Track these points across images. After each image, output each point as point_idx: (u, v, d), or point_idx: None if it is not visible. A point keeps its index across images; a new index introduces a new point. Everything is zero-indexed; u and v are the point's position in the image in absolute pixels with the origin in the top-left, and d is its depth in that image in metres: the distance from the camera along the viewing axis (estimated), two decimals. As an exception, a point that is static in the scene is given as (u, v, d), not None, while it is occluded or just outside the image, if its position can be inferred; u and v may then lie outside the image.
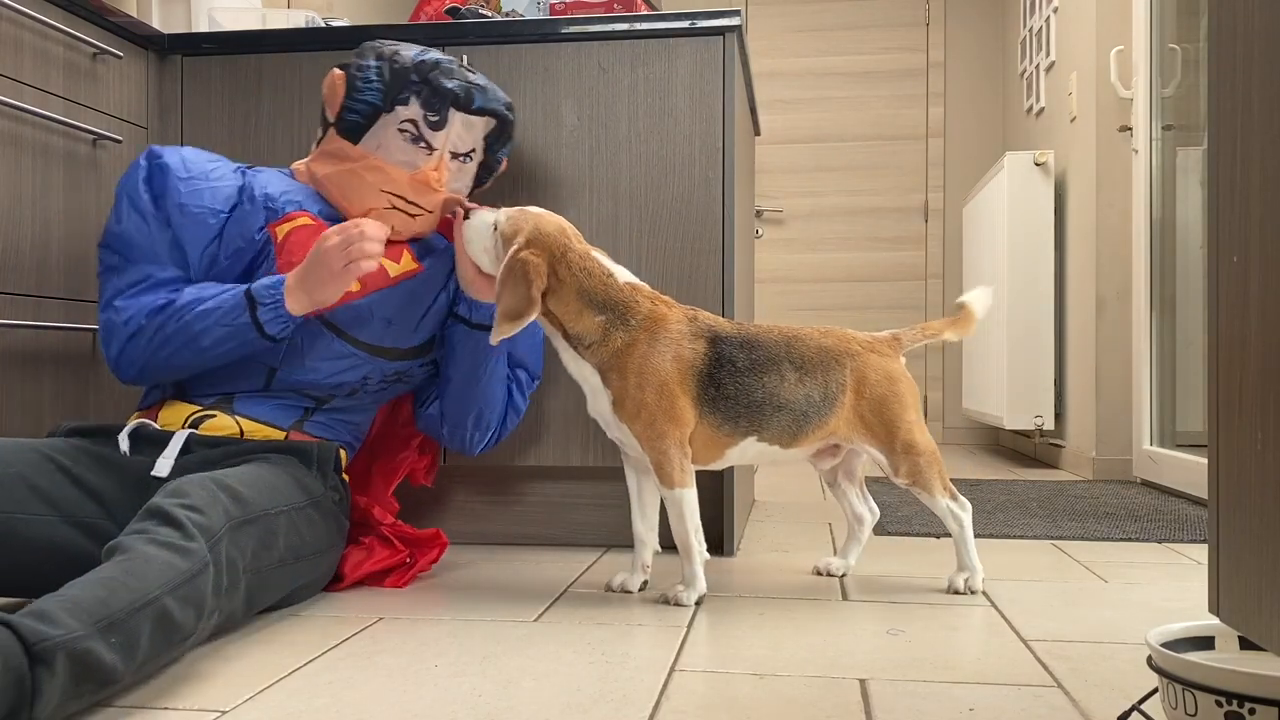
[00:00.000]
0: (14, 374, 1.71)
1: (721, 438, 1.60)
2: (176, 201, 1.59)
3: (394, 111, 1.65)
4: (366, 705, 1.13)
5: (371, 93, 1.65)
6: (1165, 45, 3.26)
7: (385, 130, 1.66)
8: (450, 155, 1.69)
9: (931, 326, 1.74)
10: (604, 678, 1.23)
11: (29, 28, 1.74)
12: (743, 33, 2.04)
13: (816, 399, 1.61)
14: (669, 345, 1.56)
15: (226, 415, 1.61)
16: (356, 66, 1.67)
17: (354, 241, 1.52)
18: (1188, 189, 3.21)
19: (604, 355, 1.56)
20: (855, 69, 5.02)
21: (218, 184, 1.63)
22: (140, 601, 1.10)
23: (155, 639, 1.11)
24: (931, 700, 1.15)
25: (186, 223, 1.60)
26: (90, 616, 1.04)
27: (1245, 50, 0.80)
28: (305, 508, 1.51)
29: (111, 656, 1.04)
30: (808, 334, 1.65)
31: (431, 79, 1.65)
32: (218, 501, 1.31)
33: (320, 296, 1.55)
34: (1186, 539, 2.22)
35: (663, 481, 1.58)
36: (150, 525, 1.22)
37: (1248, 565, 0.79)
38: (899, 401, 1.64)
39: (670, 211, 1.99)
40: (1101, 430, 3.47)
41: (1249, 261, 0.79)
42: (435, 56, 1.67)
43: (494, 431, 1.82)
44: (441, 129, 1.67)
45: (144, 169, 1.61)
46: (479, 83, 1.69)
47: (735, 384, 1.57)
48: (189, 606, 1.17)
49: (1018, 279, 3.81)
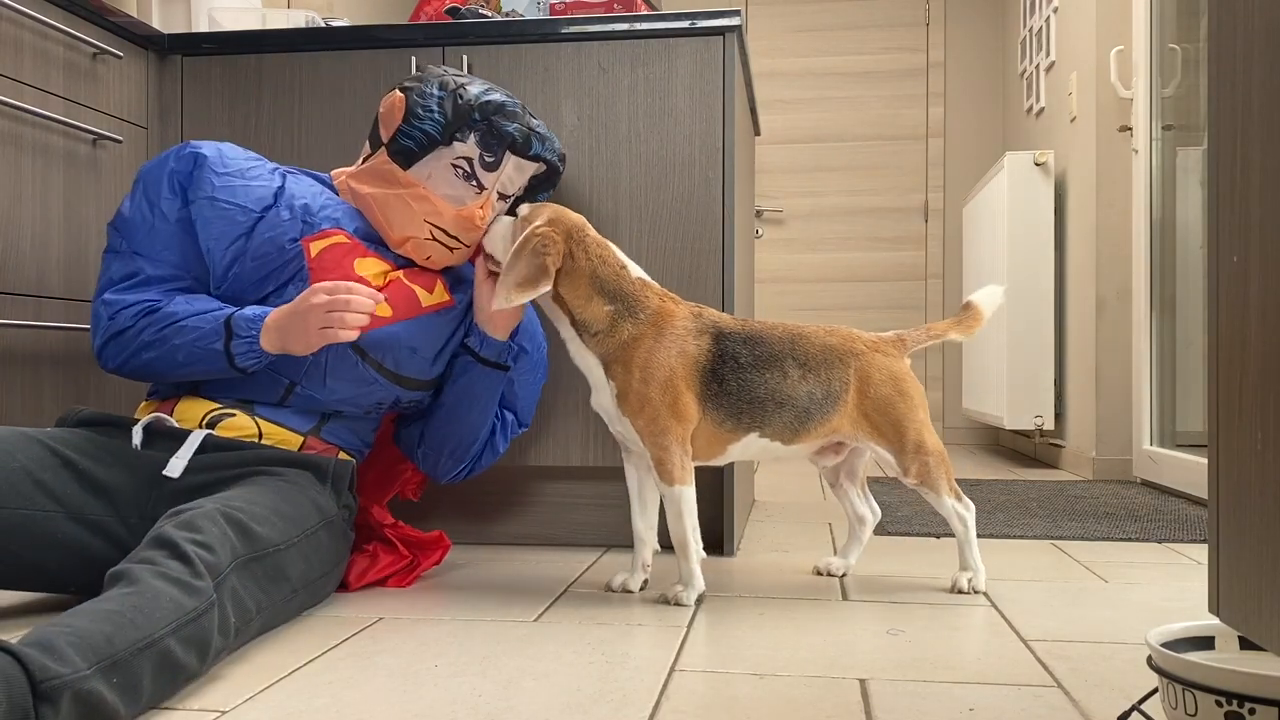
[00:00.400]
0: (14, 374, 1.71)
1: (724, 433, 1.60)
2: (208, 194, 1.57)
3: (451, 146, 1.64)
4: (366, 705, 1.13)
5: (431, 123, 1.63)
6: (1165, 45, 3.26)
7: (438, 162, 1.65)
8: (498, 195, 1.69)
9: (936, 327, 1.73)
10: (604, 678, 1.23)
11: (29, 28, 1.74)
12: (743, 33, 2.04)
13: (819, 396, 1.61)
14: (674, 341, 1.57)
15: (246, 415, 1.59)
16: (418, 92, 1.64)
17: (338, 309, 1.49)
18: (1188, 189, 3.21)
19: (610, 346, 1.57)
20: (855, 69, 5.02)
21: (253, 183, 1.61)
22: (145, 641, 1.07)
23: (158, 680, 1.09)
24: (931, 700, 1.15)
25: (214, 217, 1.57)
26: (96, 654, 1.01)
27: (1245, 50, 0.80)
28: (317, 531, 1.49)
29: (114, 697, 1.01)
30: (812, 332, 1.65)
31: (494, 121, 1.64)
32: (227, 539, 1.28)
33: (291, 348, 1.52)
34: (1186, 539, 2.22)
35: (662, 478, 1.58)
36: (159, 557, 1.19)
37: (1248, 565, 0.79)
38: (905, 401, 1.64)
39: (670, 211, 1.99)
40: (1101, 430, 3.47)
41: (1249, 261, 0.79)
42: (500, 98, 1.66)
43: (465, 466, 1.80)
44: (495, 170, 1.67)
45: (171, 163, 1.59)
46: (539, 130, 1.69)
47: (738, 380, 1.58)
48: (192, 647, 1.13)
49: (1018, 279, 3.81)
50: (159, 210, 1.57)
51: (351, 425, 1.70)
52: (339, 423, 1.68)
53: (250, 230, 1.59)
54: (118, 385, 1.96)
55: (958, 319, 1.74)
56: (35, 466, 1.41)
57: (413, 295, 1.66)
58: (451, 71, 1.69)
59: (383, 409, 1.72)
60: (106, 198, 1.94)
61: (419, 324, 1.66)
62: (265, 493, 1.43)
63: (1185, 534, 2.27)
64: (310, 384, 1.61)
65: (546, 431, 2.02)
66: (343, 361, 1.62)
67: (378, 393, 1.67)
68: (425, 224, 1.65)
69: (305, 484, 1.52)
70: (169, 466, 1.48)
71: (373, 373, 1.64)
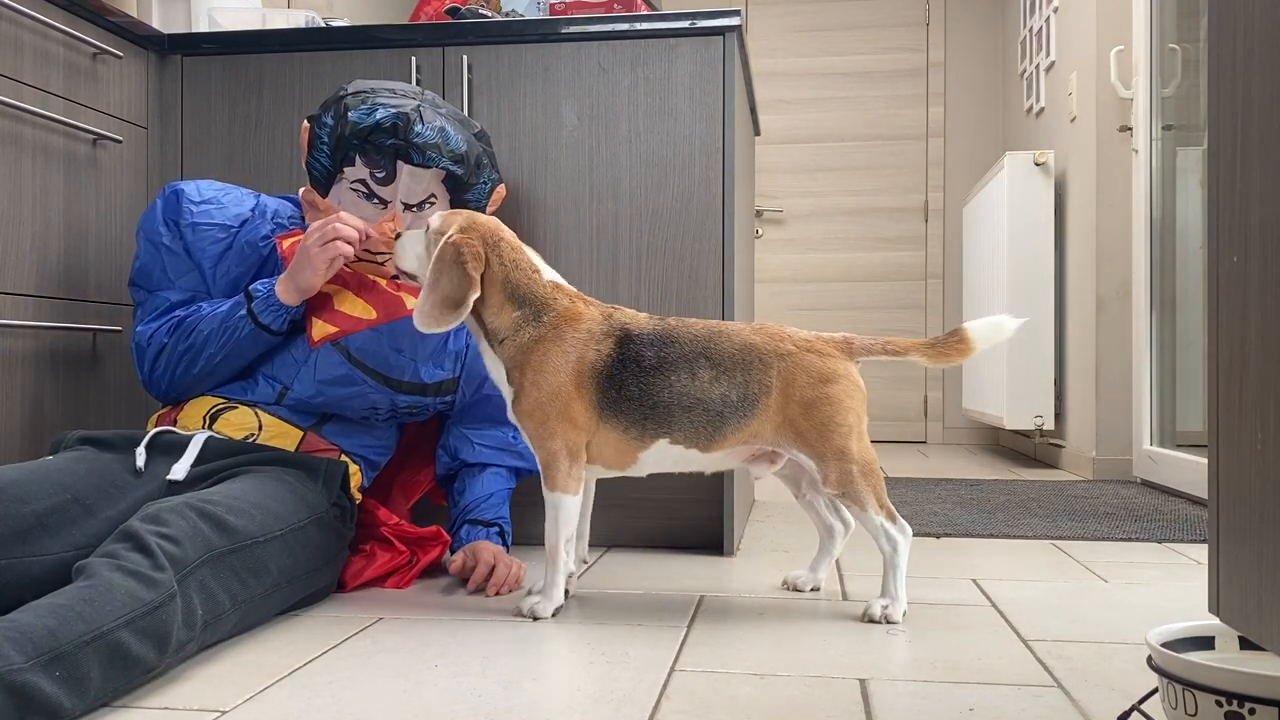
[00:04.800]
0: (14, 373, 1.71)
1: (630, 441, 1.52)
2: (189, 222, 1.69)
3: (344, 173, 1.69)
4: (366, 705, 1.13)
5: (324, 155, 1.69)
6: (1165, 45, 3.26)
7: (341, 188, 1.70)
8: (404, 206, 1.71)
9: (899, 343, 1.55)
10: (604, 678, 1.23)
11: (29, 28, 1.74)
12: (743, 33, 2.04)
13: (734, 399, 1.50)
14: (573, 346, 1.50)
15: (248, 409, 1.66)
16: (319, 123, 1.69)
17: (329, 235, 1.59)
18: (1188, 189, 3.21)
19: (512, 351, 1.52)
20: (855, 69, 5.02)
21: (228, 205, 1.73)
22: (91, 634, 1.07)
23: (108, 673, 1.08)
24: (931, 700, 1.15)
25: (198, 240, 1.69)
26: (35, 648, 1.01)
27: (1245, 50, 0.80)
28: (305, 526, 1.50)
29: (54, 689, 1.01)
30: (733, 330, 1.54)
31: (372, 140, 1.65)
32: (198, 532, 1.28)
33: (304, 282, 1.60)
34: (1186, 539, 2.22)
35: (545, 482, 1.52)
36: (121, 550, 1.19)
37: (1248, 565, 0.79)
38: (830, 404, 1.50)
39: (670, 211, 1.99)
40: (1101, 430, 3.47)
41: (1249, 261, 0.79)
42: (379, 116, 1.64)
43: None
44: (390, 183, 1.69)
45: (159, 204, 1.70)
46: (417, 142, 1.65)
47: (638, 384, 1.50)
48: (148, 639, 1.13)
49: (1018, 279, 3.81)
50: (163, 246, 1.69)
51: (354, 429, 1.73)
52: (339, 425, 1.72)
53: (231, 244, 1.72)
54: (118, 388, 1.96)
55: (932, 343, 1.54)
56: (45, 510, 1.38)
57: (396, 299, 1.70)
58: (353, 91, 1.69)
59: (380, 414, 1.74)
60: (106, 198, 1.94)
61: (403, 325, 1.69)
62: (248, 488, 1.45)
63: (1185, 534, 2.27)
64: (301, 386, 1.67)
65: (546, 431, 2.02)
66: (329, 359, 1.66)
67: (369, 395, 1.69)
68: None
69: (295, 481, 1.54)
70: (173, 471, 1.52)
71: (359, 374, 1.68)
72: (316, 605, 1.58)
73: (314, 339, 1.65)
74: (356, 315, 1.66)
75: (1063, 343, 3.87)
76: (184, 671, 1.24)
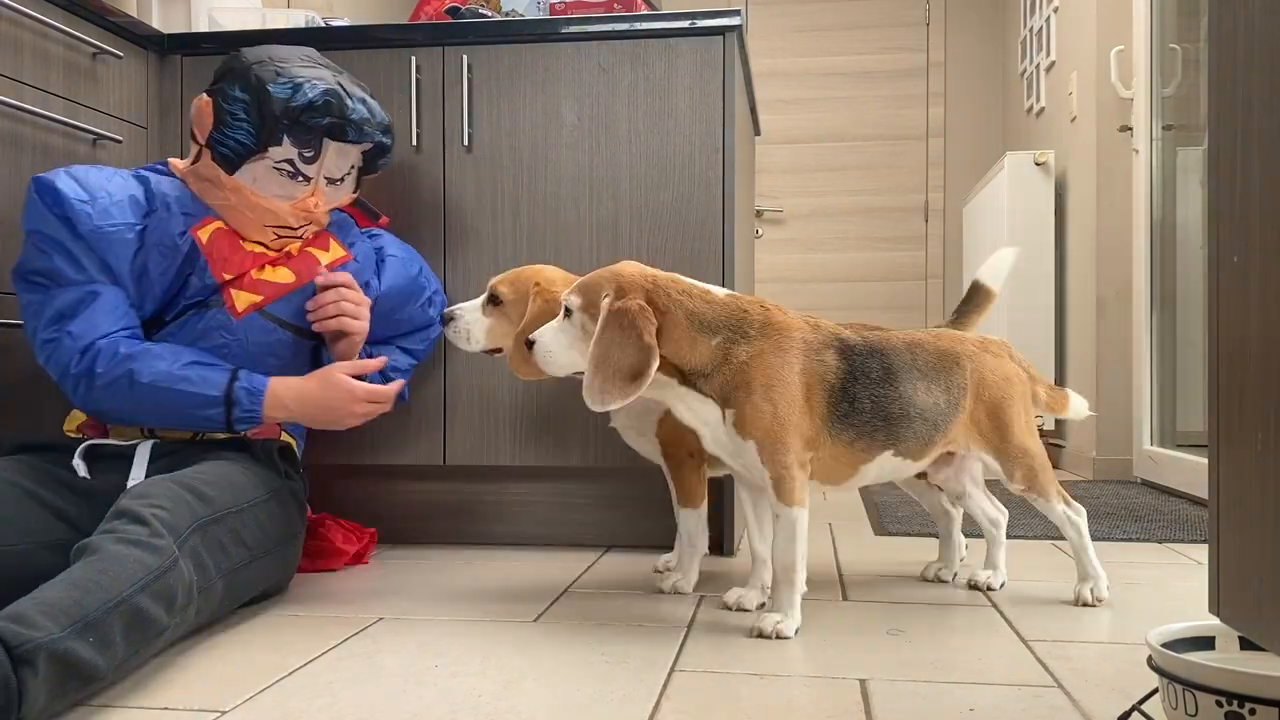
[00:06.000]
0: (14, 373, 1.71)
1: (856, 454, 1.48)
2: (89, 227, 1.52)
3: (268, 153, 1.63)
4: (366, 705, 1.13)
5: (243, 133, 1.61)
6: (1165, 45, 3.26)
7: (260, 165, 1.63)
8: (327, 181, 1.70)
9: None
10: (604, 678, 1.23)
11: (29, 28, 1.74)
12: (743, 33, 2.04)
13: (943, 405, 1.52)
14: (795, 357, 1.43)
15: None
16: (224, 97, 1.61)
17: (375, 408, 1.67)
18: (1188, 189, 3.21)
19: (727, 377, 1.41)
20: (855, 69, 5.02)
21: (120, 196, 1.57)
22: (114, 600, 1.13)
23: (131, 636, 1.14)
24: (931, 700, 1.15)
25: (105, 243, 1.54)
26: (67, 617, 1.07)
27: (1245, 50, 0.80)
28: (268, 501, 1.56)
29: (91, 654, 1.07)
30: (924, 337, 1.56)
31: (304, 120, 1.61)
32: (183, 501, 1.34)
33: (318, 427, 1.66)
34: (1186, 539, 2.22)
35: (781, 498, 1.43)
36: (119, 524, 1.24)
37: (1248, 565, 0.79)
38: (1013, 404, 1.57)
39: (670, 211, 1.99)
40: (1101, 430, 3.47)
41: (1249, 261, 0.79)
42: (309, 96, 1.60)
43: None
44: (316, 161, 1.67)
45: (39, 201, 1.52)
46: (352, 118, 1.64)
47: (870, 396, 1.46)
48: (160, 601, 1.20)
49: (1018, 279, 3.81)
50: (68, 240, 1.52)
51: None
52: None
53: (142, 242, 1.58)
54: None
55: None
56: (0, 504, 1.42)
57: (312, 258, 1.72)
58: (256, 64, 1.62)
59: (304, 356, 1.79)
60: (106, 198, 1.94)
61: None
62: (209, 469, 1.49)
63: (1185, 534, 2.27)
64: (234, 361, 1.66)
65: (547, 431, 2.02)
66: (268, 337, 1.69)
67: (298, 344, 1.74)
68: (267, 229, 1.67)
69: (246, 462, 1.59)
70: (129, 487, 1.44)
71: (287, 333, 1.71)
72: (316, 605, 1.58)
73: (238, 310, 1.65)
74: (278, 281, 1.68)
75: (1063, 343, 3.87)
76: (184, 671, 1.25)
